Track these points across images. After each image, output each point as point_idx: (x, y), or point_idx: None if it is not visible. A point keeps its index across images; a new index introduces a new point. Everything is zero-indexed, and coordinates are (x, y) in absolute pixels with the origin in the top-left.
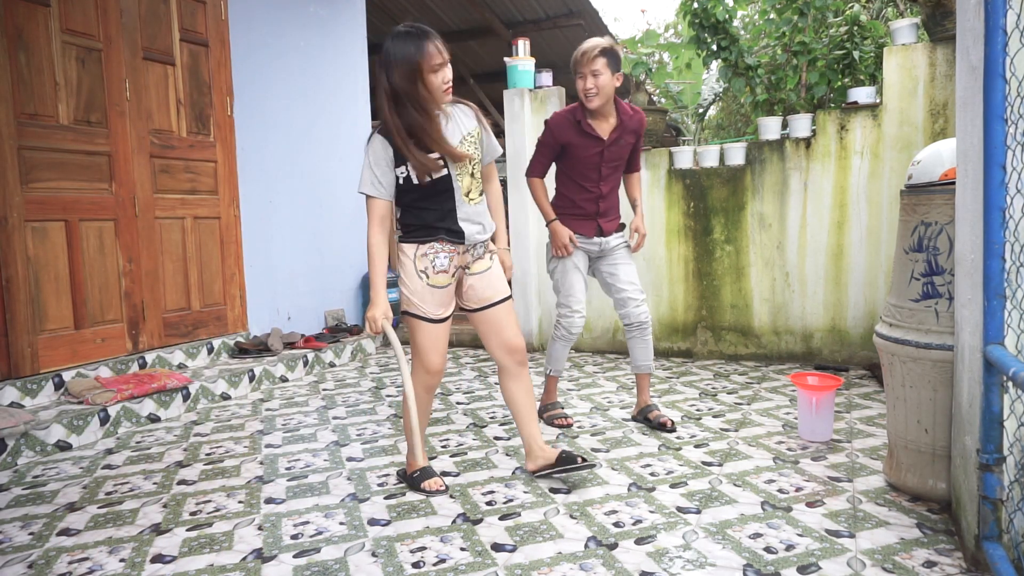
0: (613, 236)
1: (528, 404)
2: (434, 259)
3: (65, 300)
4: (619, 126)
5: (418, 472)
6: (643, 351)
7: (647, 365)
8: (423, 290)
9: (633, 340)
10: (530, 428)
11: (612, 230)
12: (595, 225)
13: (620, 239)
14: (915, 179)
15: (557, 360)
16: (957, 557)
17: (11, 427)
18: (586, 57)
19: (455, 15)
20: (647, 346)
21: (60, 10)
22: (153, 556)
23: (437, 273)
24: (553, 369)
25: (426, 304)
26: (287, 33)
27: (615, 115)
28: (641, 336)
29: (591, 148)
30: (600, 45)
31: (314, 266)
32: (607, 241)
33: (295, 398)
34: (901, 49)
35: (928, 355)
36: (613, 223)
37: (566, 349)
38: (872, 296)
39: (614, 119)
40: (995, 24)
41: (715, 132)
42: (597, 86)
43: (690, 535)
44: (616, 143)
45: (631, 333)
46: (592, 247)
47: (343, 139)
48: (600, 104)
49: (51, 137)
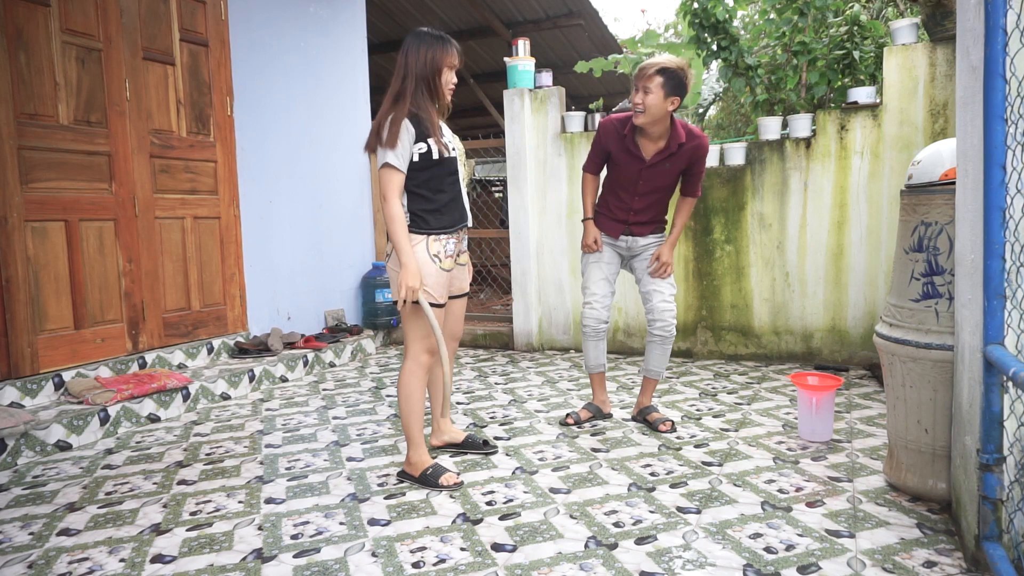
0: (645, 237)
1: (446, 386)
2: (445, 244)
3: (65, 300)
4: (665, 149)
5: (430, 469)
6: (659, 357)
7: (658, 372)
8: (436, 274)
9: (652, 344)
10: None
11: (645, 232)
12: (624, 228)
13: (655, 240)
14: (915, 179)
15: (586, 356)
16: (957, 557)
17: (11, 427)
18: (644, 71)
19: (455, 15)
20: (664, 353)
21: (60, 10)
22: (153, 556)
23: (447, 257)
24: (585, 366)
25: (436, 289)
26: (287, 33)
27: (667, 139)
28: (661, 341)
29: (631, 164)
30: (661, 63)
31: (314, 266)
32: (635, 240)
33: (295, 398)
34: (901, 49)
35: (928, 355)
36: (647, 227)
37: (592, 345)
38: (872, 296)
39: (664, 142)
40: (995, 24)
41: (715, 132)
42: (645, 103)
43: (690, 535)
44: (657, 166)
45: (652, 336)
46: (620, 246)
47: (343, 139)
48: (646, 122)
49: (51, 137)
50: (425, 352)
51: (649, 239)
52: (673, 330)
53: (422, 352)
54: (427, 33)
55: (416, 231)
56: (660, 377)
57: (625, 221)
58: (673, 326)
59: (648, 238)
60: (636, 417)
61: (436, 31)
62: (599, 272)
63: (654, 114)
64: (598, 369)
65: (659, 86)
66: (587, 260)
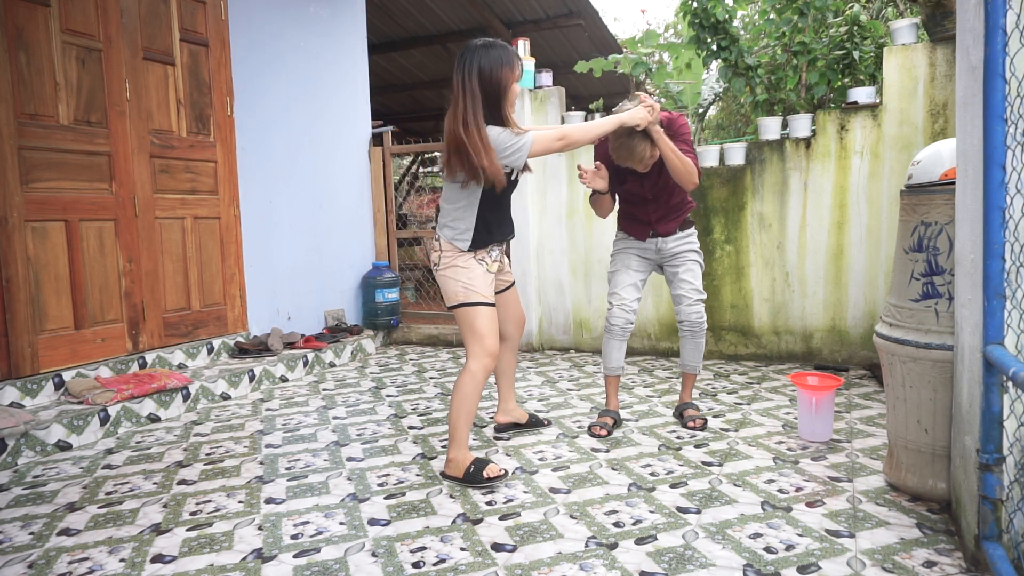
0: (672, 238)
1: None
2: (490, 250)
3: (65, 300)
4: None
5: (472, 466)
6: (692, 352)
7: (693, 366)
8: (484, 275)
9: (684, 340)
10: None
11: (671, 231)
12: (648, 229)
13: (683, 244)
14: (915, 179)
15: (607, 356)
16: (957, 557)
17: (11, 427)
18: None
19: (455, 15)
20: (697, 348)
21: (60, 10)
22: (153, 556)
23: (493, 261)
24: (603, 367)
25: (486, 288)
26: (287, 33)
27: None
28: (692, 337)
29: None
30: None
31: (314, 266)
32: (664, 242)
33: (295, 398)
34: (901, 49)
35: (928, 355)
36: (672, 223)
37: (616, 345)
38: (872, 296)
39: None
40: (995, 24)
41: (715, 132)
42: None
43: (690, 535)
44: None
45: (683, 332)
46: (648, 248)
47: (343, 139)
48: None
49: (51, 137)
50: (487, 355)
51: (678, 237)
52: (702, 319)
53: (483, 355)
54: (490, 47)
55: (473, 248)
56: (695, 371)
57: (647, 222)
58: (700, 315)
59: (676, 235)
60: (674, 413)
61: (496, 42)
62: (627, 278)
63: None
64: (616, 372)
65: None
66: (616, 263)
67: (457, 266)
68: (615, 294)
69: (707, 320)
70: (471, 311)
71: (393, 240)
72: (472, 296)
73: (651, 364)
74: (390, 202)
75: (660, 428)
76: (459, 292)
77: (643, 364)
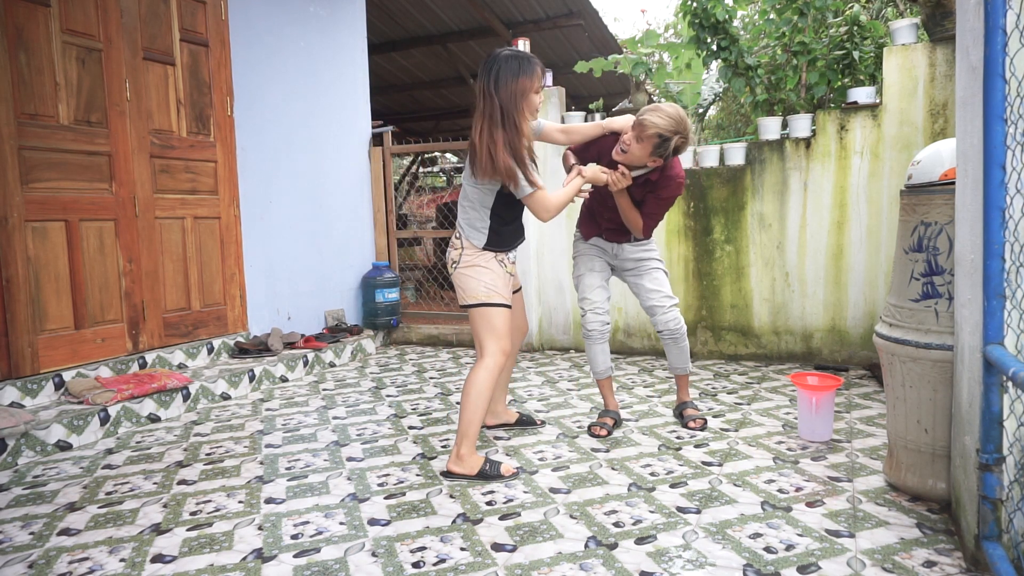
0: (622, 246)
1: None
2: (509, 253)
3: (65, 300)
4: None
5: (487, 465)
6: (678, 355)
7: (682, 368)
8: (504, 276)
9: (667, 346)
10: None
11: (620, 240)
12: (598, 230)
13: (643, 251)
14: (915, 179)
15: (593, 362)
16: (957, 557)
17: (11, 427)
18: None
19: (455, 15)
20: (681, 351)
21: (60, 10)
22: (153, 556)
23: (511, 263)
24: (593, 372)
25: (505, 290)
26: (287, 33)
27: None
28: (675, 343)
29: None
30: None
31: (314, 266)
32: (621, 248)
33: (295, 398)
34: (901, 49)
35: (928, 355)
36: (622, 237)
37: (598, 349)
38: (872, 296)
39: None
40: (995, 24)
41: (715, 132)
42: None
43: (690, 535)
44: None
45: (664, 340)
46: (607, 251)
47: (343, 139)
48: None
49: (51, 137)
50: (501, 352)
51: (633, 248)
52: (678, 325)
53: (499, 352)
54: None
55: (491, 248)
56: (685, 372)
57: (599, 225)
58: (677, 320)
59: (625, 248)
60: (674, 412)
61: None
62: (594, 280)
63: (632, 159)
64: (607, 374)
65: (651, 144)
66: (579, 268)
67: (479, 266)
68: (586, 299)
69: (707, 320)
70: (491, 311)
71: (393, 240)
72: (494, 297)
73: (651, 364)
74: (390, 202)
75: (660, 428)
76: (480, 292)
77: (643, 364)
